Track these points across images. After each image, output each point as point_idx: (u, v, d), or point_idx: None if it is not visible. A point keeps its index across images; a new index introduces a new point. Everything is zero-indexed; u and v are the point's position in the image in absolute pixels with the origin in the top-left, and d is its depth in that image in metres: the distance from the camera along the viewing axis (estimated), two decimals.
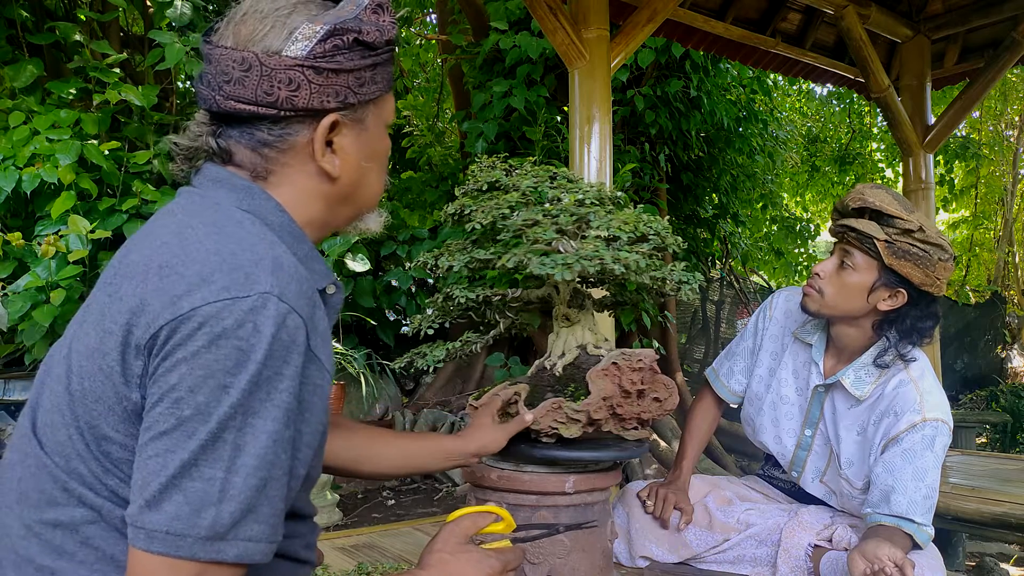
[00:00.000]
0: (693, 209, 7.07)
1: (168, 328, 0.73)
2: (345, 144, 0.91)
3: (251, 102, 0.84)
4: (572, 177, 1.62)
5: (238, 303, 0.73)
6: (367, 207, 1.00)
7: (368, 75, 0.89)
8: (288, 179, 0.89)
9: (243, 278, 0.75)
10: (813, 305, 1.68)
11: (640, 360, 1.47)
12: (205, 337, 0.72)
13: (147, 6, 4.18)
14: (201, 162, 0.91)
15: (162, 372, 0.73)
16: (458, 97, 6.67)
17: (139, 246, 0.83)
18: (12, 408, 4.01)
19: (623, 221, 1.47)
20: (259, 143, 0.87)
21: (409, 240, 5.30)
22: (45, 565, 0.78)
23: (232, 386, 0.71)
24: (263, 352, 0.73)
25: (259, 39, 0.84)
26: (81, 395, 0.78)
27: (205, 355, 0.71)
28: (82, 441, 0.78)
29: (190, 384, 0.71)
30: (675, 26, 3.87)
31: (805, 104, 11.39)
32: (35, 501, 0.79)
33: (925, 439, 1.57)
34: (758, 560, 1.81)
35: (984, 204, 12.79)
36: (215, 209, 0.84)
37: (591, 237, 1.44)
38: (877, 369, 1.67)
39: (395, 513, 4.89)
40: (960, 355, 9.80)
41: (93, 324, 0.80)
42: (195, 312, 0.72)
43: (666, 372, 6.74)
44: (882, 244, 1.55)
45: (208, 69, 0.86)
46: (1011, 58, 3.97)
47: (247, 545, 0.72)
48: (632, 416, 1.46)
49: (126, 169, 3.40)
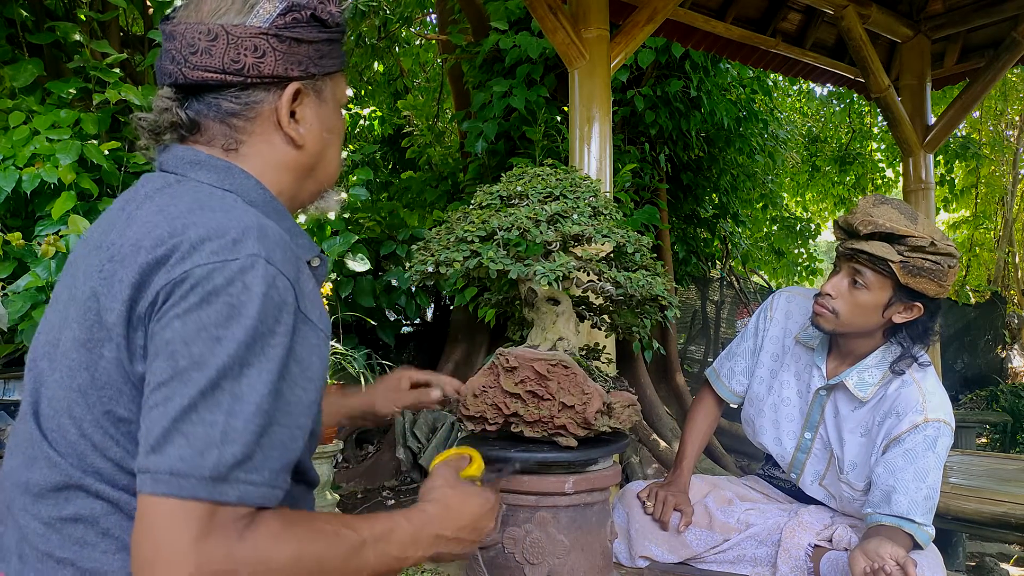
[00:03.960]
0: (693, 209, 7.06)
1: (164, 292, 0.76)
2: (307, 114, 0.96)
3: (218, 71, 0.89)
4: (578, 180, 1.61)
5: (228, 265, 0.76)
6: (328, 182, 1.05)
7: (326, 49, 0.96)
8: (256, 150, 0.93)
9: (231, 243, 0.78)
10: (828, 325, 1.65)
11: (508, 360, 1.46)
12: (197, 295, 0.75)
13: (147, 6, 4.18)
14: (167, 137, 0.93)
15: (157, 331, 0.76)
16: (458, 97, 6.67)
17: (121, 229, 0.85)
18: (12, 408, 4.01)
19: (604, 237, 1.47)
20: (226, 113, 0.91)
21: (409, 240, 5.30)
22: (65, 558, 0.80)
23: (225, 338, 0.74)
24: (256, 308, 0.76)
25: (223, 12, 0.90)
26: (88, 387, 0.81)
27: (197, 311, 0.75)
28: (99, 432, 0.81)
29: (184, 337, 0.74)
30: (675, 26, 3.87)
31: (805, 104, 11.39)
32: (52, 499, 0.82)
33: (927, 440, 1.56)
34: (758, 560, 1.81)
35: (984, 204, 12.79)
36: (196, 189, 0.88)
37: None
38: (882, 372, 1.66)
39: None
40: (960, 355, 9.81)
41: (77, 318, 0.82)
42: (187, 274, 0.76)
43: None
44: (897, 266, 1.52)
45: (171, 46, 0.90)
46: (1011, 58, 3.97)
47: (248, 488, 0.74)
48: (536, 419, 1.45)
49: (126, 169, 3.40)
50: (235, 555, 0.72)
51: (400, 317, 6.05)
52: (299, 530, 0.77)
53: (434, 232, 1.55)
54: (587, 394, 1.45)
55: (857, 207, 1.61)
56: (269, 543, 0.75)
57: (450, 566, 2.06)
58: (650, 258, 1.58)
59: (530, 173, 1.60)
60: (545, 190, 1.54)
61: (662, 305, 1.58)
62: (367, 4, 5.09)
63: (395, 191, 6.63)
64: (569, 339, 1.57)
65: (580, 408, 1.44)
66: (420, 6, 7.28)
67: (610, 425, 1.50)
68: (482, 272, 1.47)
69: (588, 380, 1.47)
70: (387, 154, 8.27)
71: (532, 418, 1.45)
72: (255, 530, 0.74)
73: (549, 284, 1.36)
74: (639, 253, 1.55)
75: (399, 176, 7.30)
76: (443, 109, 8.19)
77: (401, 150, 7.44)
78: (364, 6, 5.05)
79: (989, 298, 10.65)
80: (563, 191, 1.54)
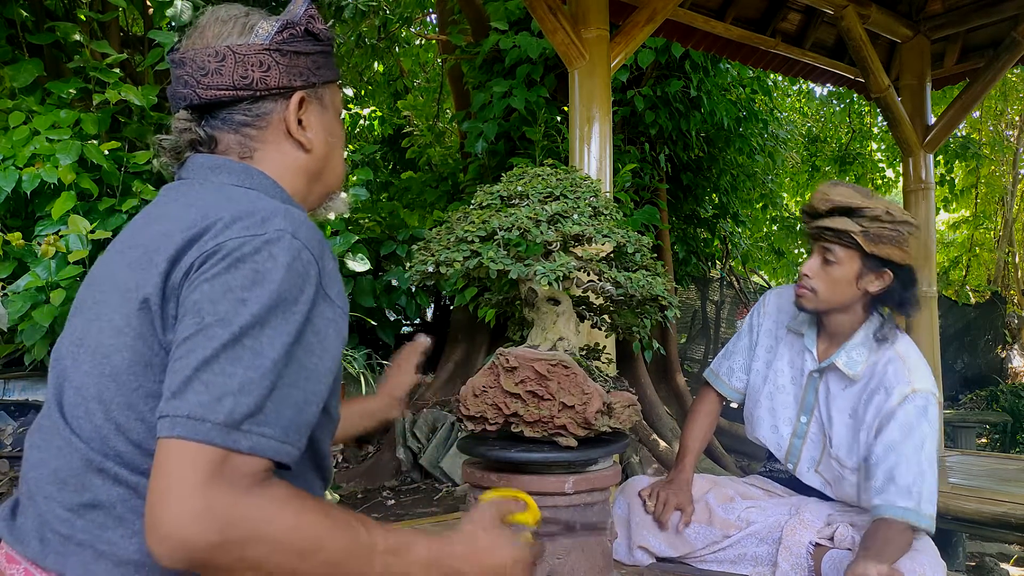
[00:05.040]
0: (693, 209, 7.07)
1: (197, 263, 0.83)
2: (312, 120, 1.05)
3: (229, 87, 0.98)
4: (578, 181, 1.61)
5: (256, 237, 0.83)
6: (335, 185, 1.13)
7: (322, 60, 1.06)
8: (269, 156, 1.02)
9: (260, 221, 0.85)
10: (810, 304, 1.75)
11: (508, 360, 1.46)
12: (225, 262, 0.81)
13: (147, 6, 4.18)
14: (187, 154, 1.02)
15: (186, 295, 0.82)
16: (458, 97, 6.67)
17: (150, 227, 0.92)
18: (12, 408, 4.01)
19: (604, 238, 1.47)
20: (240, 124, 1.00)
21: (409, 240, 5.30)
22: (84, 540, 0.85)
23: (249, 300, 0.79)
24: (280, 276, 0.81)
25: (226, 36, 0.99)
26: (122, 368, 0.85)
27: (224, 275, 0.81)
28: (126, 412, 0.85)
29: (211, 297, 0.80)
30: (675, 26, 3.87)
31: (805, 104, 11.39)
32: (73, 486, 0.86)
33: (918, 409, 1.63)
34: (759, 559, 1.81)
35: (984, 204, 12.78)
36: (219, 188, 0.96)
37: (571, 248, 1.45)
38: (868, 348, 1.73)
39: (395, 513, 4.89)
40: (960, 355, 9.81)
41: (116, 305, 0.87)
42: (220, 246, 0.83)
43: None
44: (859, 235, 1.64)
45: (182, 72, 0.99)
46: (1011, 58, 3.97)
47: (260, 440, 0.77)
48: (536, 419, 1.45)
49: (126, 169, 3.40)
50: (239, 506, 0.74)
51: (400, 317, 6.05)
52: (307, 505, 0.79)
53: (434, 232, 1.55)
54: (587, 394, 1.45)
55: (816, 191, 1.74)
56: (273, 506, 0.76)
57: None
58: (650, 258, 1.58)
59: (530, 173, 1.60)
60: (545, 190, 1.54)
61: (662, 305, 1.58)
62: (367, 4, 5.09)
63: (395, 191, 6.63)
64: (569, 339, 1.57)
65: (580, 408, 1.44)
66: (420, 6, 7.28)
67: (610, 425, 1.50)
68: (482, 272, 1.47)
69: (588, 380, 1.47)
70: (387, 154, 8.27)
71: (532, 418, 1.45)
72: (263, 489, 0.77)
73: (549, 284, 1.37)
74: (639, 253, 1.55)
75: (399, 176, 7.30)
76: (443, 109, 8.19)
77: (401, 150, 7.44)
78: (364, 6, 5.05)
79: (989, 298, 10.64)
80: (563, 191, 1.54)
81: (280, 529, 0.75)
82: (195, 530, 0.71)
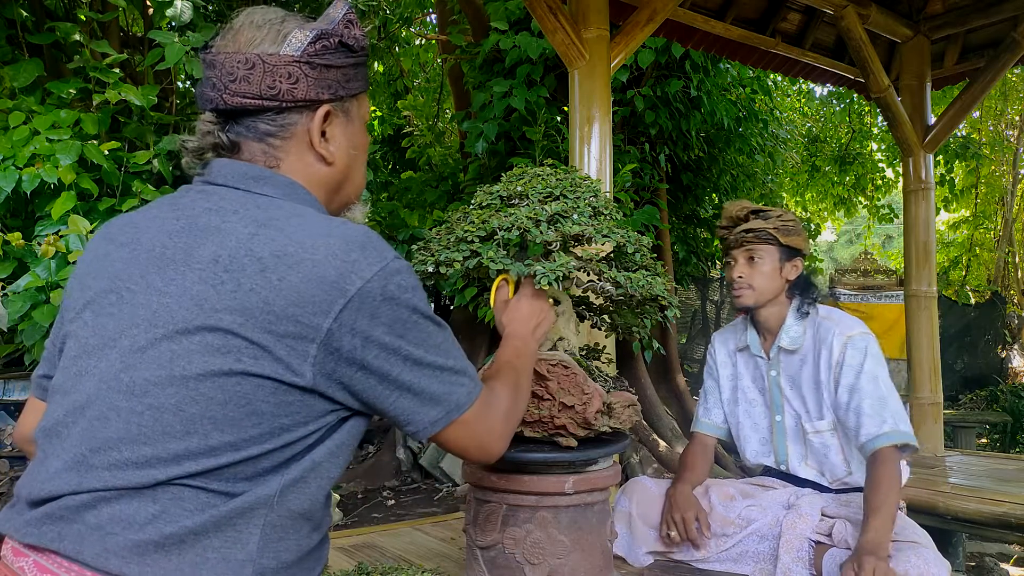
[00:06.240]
0: (693, 209, 7.07)
1: (346, 312, 0.86)
2: (336, 133, 1.04)
3: (256, 96, 0.96)
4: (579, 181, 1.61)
5: (385, 271, 0.89)
6: (355, 196, 1.14)
7: (352, 72, 1.04)
8: (292, 167, 1.01)
9: (374, 252, 0.90)
10: (750, 300, 1.96)
11: None
12: (377, 304, 0.88)
13: (147, 6, 4.17)
14: (208, 155, 1.01)
15: (359, 343, 0.88)
16: (458, 97, 6.68)
17: (210, 237, 0.89)
18: (12, 408, 4.01)
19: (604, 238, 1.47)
20: (264, 134, 0.99)
21: (409, 240, 5.30)
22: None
23: (417, 323, 0.92)
24: (417, 292, 0.93)
25: (258, 43, 0.97)
26: (205, 387, 0.83)
27: (386, 313, 0.89)
28: (207, 424, 0.83)
29: (389, 338, 0.90)
30: (675, 26, 3.87)
31: (805, 104, 11.39)
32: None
33: (859, 350, 1.84)
34: (760, 556, 1.86)
35: (984, 204, 12.77)
36: (272, 201, 0.95)
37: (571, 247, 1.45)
38: (799, 323, 1.95)
39: (395, 513, 4.89)
40: (960, 355, 9.81)
41: (189, 317, 0.85)
42: (369, 291, 0.88)
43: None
44: (774, 231, 1.92)
45: (211, 74, 0.98)
46: (1011, 58, 3.97)
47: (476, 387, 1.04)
48: (536, 419, 1.45)
49: (126, 169, 3.40)
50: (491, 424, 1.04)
51: None
52: (496, 388, 1.08)
53: (434, 232, 1.55)
54: (587, 394, 1.45)
55: (724, 211, 2.04)
56: (494, 402, 1.06)
57: (450, 566, 2.06)
58: (650, 258, 1.58)
59: (530, 173, 1.60)
60: (545, 190, 1.54)
61: (662, 305, 1.58)
62: (367, 4, 5.09)
63: (395, 191, 6.64)
64: (569, 339, 1.57)
65: (580, 408, 1.44)
66: (420, 6, 7.29)
67: (610, 425, 1.50)
68: (482, 272, 1.47)
69: (588, 380, 1.47)
70: (387, 154, 8.28)
71: (532, 418, 1.46)
72: (487, 403, 1.04)
73: (549, 284, 1.37)
74: (639, 253, 1.55)
75: (399, 176, 7.31)
76: (443, 109, 8.19)
77: (401, 150, 7.45)
78: (364, 6, 5.05)
79: (989, 298, 10.64)
80: (563, 191, 1.54)
81: (509, 408, 1.08)
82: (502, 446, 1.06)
